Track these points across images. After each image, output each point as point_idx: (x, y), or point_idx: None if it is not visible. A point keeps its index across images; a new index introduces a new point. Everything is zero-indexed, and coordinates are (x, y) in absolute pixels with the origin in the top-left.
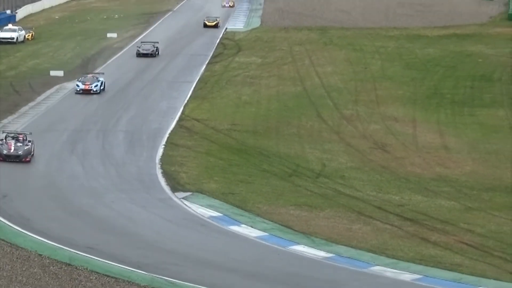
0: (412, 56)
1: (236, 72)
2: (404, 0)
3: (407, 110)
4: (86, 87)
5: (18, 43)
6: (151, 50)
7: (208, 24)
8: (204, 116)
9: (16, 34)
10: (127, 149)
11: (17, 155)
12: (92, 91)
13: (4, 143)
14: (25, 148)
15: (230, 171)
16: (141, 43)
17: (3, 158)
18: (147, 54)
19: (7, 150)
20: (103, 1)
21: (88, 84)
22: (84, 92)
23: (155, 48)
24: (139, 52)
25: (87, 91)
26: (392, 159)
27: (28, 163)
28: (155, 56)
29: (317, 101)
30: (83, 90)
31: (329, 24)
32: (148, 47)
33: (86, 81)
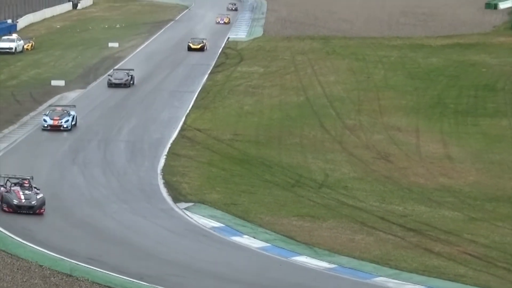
0: (415, 66)
1: (238, 82)
2: (407, 10)
3: (410, 119)
4: (55, 122)
5: (17, 53)
6: (125, 79)
7: (192, 47)
8: (206, 126)
9: (14, 44)
10: (129, 159)
11: (30, 206)
12: (62, 128)
13: (11, 191)
14: (39, 198)
15: (232, 181)
16: (113, 71)
17: (14, 209)
18: (119, 84)
19: (17, 200)
20: (105, 10)
21: (57, 119)
22: (52, 128)
23: (129, 77)
24: (111, 82)
25: (56, 128)
26: (395, 169)
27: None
28: (129, 86)
29: (319, 110)
30: (51, 126)
31: (332, 34)
32: (121, 76)
33: (55, 116)
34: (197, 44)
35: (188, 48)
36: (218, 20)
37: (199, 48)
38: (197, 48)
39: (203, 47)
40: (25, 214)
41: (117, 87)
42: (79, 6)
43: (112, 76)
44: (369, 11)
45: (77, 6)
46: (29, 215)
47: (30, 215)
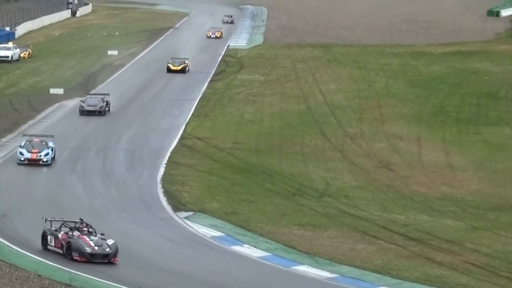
0: (417, 74)
1: (239, 90)
2: (409, 17)
3: (411, 128)
4: (33, 156)
5: (13, 62)
6: (99, 106)
7: (172, 69)
8: (206, 134)
9: (10, 52)
10: (128, 168)
11: (105, 254)
12: (42, 162)
13: (75, 237)
14: (112, 244)
15: (232, 190)
16: (86, 97)
17: (88, 258)
18: (93, 111)
19: (90, 248)
20: (104, 18)
21: (35, 152)
22: (30, 162)
23: (104, 103)
24: (83, 109)
25: (35, 162)
26: (396, 178)
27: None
28: (104, 114)
29: (320, 119)
30: (29, 160)
31: (333, 41)
32: (94, 102)
33: (33, 148)
34: (178, 65)
35: (168, 70)
36: (210, 34)
37: (179, 70)
38: (177, 70)
39: (185, 68)
40: (99, 263)
41: (90, 115)
42: (78, 14)
43: (84, 102)
44: (370, 18)
45: (75, 13)
46: (28, 225)
47: (28, 223)
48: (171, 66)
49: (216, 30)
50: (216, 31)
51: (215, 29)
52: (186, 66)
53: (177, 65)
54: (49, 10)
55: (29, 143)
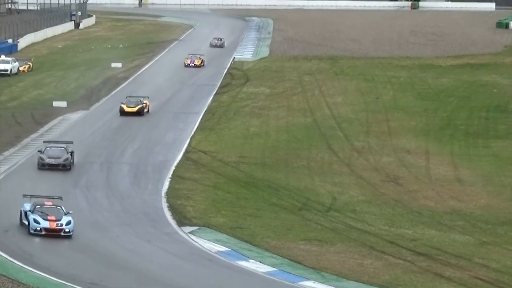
0: (425, 86)
1: (244, 103)
2: (417, 29)
3: (419, 141)
4: (52, 225)
5: (12, 75)
6: (63, 158)
7: (126, 110)
8: (211, 148)
9: (9, 66)
10: (132, 182)
11: None
12: (64, 233)
13: None
14: None
15: (238, 204)
16: (45, 146)
17: None
18: (56, 165)
19: None
20: (107, 30)
21: (54, 220)
22: (49, 233)
23: (68, 155)
24: (43, 162)
25: (55, 233)
26: (404, 192)
27: None
28: (69, 169)
29: (327, 132)
30: (47, 230)
31: (340, 54)
32: (56, 153)
33: (50, 214)
34: (133, 106)
35: (121, 112)
36: (188, 62)
37: (135, 112)
38: (132, 112)
39: (142, 109)
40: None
41: (52, 169)
42: (81, 26)
43: (43, 153)
44: (378, 30)
45: (79, 25)
46: (30, 239)
47: (31, 239)
48: (125, 107)
49: (196, 58)
50: (196, 59)
51: (194, 56)
52: (144, 107)
53: (133, 106)
54: (52, 22)
55: (41, 207)
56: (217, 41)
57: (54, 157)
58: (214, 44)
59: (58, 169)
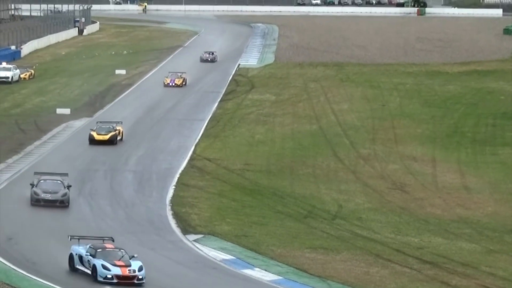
0: (432, 93)
1: (249, 110)
2: (423, 35)
3: (426, 149)
4: (124, 272)
5: (13, 83)
6: (61, 194)
7: (97, 138)
8: (216, 155)
9: (10, 73)
10: (136, 190)
11: None
12: (137, 280)
13: None
14: None
15: (243, 212)
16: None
17: None
18: (54, 200)
19: None
20: (111, 36)
21: (125, 266)
22: (121, 281)
23: (66, 189)
24: (37, 197)
25: (128, 280)
26: (411, 200)
27: None
28: (67, 206)
29: (333, 139)
30: (119, 277)
31: (346, 60)
32: (52, 188)
33: (117, 259)
34: (105, 134)
35: (90, 140)
36: (168, 82)
37: (107, 140)
38: (104, 141)
39: (114, 137)
40: None
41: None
42: (85, 32)
43: (37, 186)
44: (384, 37)
45: (83, 32)
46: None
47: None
48: (95, 135)
49: (177, 76)
50: (177, 78)
51: (175, 74)
52: (117, 134)
53: (104, 133)
54: (55, 28)
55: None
56: (208, 55)
57: (50, 192)
58: (205, 58)
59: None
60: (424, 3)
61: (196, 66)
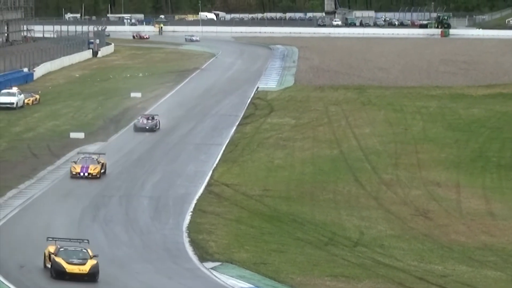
0: (456, 117)
1: (268, 134)
2: (447, 57)
3: (450, 174)
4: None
5: (18, 108)
6: None
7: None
8: (234, 181)
9: (15, 98)
10: (152, 216)
11: None
12: None
13: None
14: None
15: (262, 239)
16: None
17: None
18: None
19: None
20: (126, 58)
21: None
22: None
23: None
24: None
25: None
26: (434, 227)
27: None
28: None
29: (354, 164)
30: None
31: (367, 83)
32: None
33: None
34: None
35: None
36: (141, 123)
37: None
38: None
39: (94, 273)
40: None
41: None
42: (99, 54)
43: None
44: (407, 59)
45: (97, 54)
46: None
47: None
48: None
49: (145, 118)
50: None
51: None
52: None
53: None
54: (69, 50)
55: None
56: (145, 122)
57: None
58: (140, 126)
59: None
60: (448, 24)
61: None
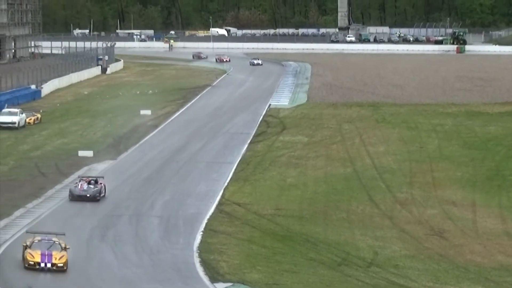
0: (472, 135)
1: (281, 152)
2: (463, 74)
3: (466, 193)
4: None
5: (20, 128)
6: None
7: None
8: (246, 200)
9: (17, 118)
10: (162, 236)
11: None
12: None
13: None
14: None
15: (274, 259)
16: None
17: None
18: None
19: None
20: (136, 75)
21: None
22: None
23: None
24: None
25: None
26: (450, 247)
27: None
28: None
29: (368, 183)
30: None
31: (382, 100)
32: None
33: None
34: None
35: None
36: (78, 189)
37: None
38: None
39: None
40: None
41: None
42: (109, 71)
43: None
44: (422, 75)
45: (106, 70)
46: None
47: None
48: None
49: (87, 180)
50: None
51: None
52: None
53: None
54: (77, 66)
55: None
56: (85, 187)
57: None
58: (78, 194)
59: None
60: (463, 40)
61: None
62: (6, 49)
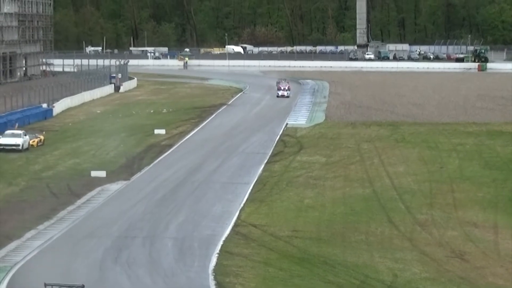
0: (493, 155)
1: (298, 173)
2: (484, 93)
3: (488, 214)
4: None
5: (23, 151)
6: None
7: None
8: (262, 221)
9: (21, 140)
10: (177, 258)
11: None
12: None
13: None
14: None
15: (291, 282)
16: None
17: None
18: None
19: None
20: (150, 93)
21: None
22: None
23: None
24: None
25: None
26: (471, 269)
27: None
28: None
29: (387, 204)
30: None
31: (401, 119)
32: None
33: None
34: None
35: None
36: None
37: None
38: None
39: None
40: None
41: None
42: (122, 89)
43: None
44: (442, 94)
45: (119, 88)
46: None
47: None
48: None
49: None
50: None
51: None
52: None
53: None
54: (90, 85)
55: None
56: None
57: None
58: None
59: None
60: (485, 58)
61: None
62: (17, 67)
